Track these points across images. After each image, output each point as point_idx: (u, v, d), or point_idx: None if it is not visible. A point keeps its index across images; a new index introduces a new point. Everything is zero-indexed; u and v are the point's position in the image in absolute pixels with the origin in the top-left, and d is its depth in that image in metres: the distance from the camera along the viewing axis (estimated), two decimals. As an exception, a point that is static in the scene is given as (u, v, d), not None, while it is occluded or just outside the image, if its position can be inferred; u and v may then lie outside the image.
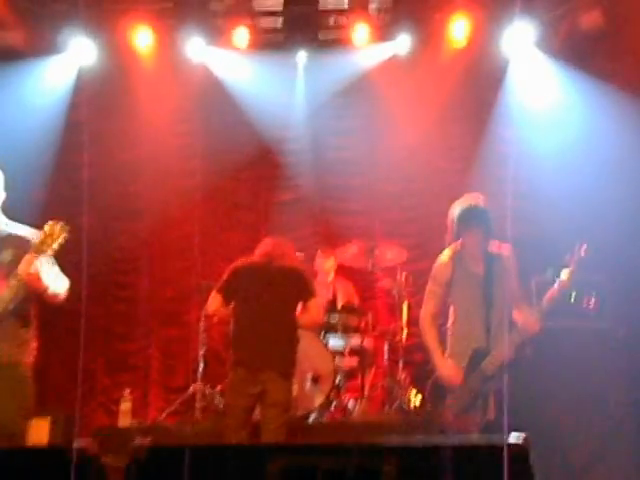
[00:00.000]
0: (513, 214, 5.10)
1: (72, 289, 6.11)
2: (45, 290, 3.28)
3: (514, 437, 2.22)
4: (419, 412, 4.98)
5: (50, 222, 3.24)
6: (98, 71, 6.05)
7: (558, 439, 4.54)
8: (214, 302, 4.17)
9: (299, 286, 4.15)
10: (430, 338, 3.72)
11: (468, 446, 2.39)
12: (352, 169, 6.30)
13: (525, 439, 2.22)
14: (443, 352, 3.71)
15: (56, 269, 3.40)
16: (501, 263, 3.74)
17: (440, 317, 3.85)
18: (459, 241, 3.80)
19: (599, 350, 4.81)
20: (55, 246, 3.21)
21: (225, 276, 4.17)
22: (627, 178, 5.42)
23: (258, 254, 4.23)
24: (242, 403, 3.99)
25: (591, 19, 5.74)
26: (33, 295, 3.29)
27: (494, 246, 3.80)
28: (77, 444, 2.34)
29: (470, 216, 3.75)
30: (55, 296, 3.39)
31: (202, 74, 6.17)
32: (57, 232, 3.23)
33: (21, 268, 3.12)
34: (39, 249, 3.17)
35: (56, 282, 3.37)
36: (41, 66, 6.02)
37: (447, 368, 3.63)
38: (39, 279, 3.20)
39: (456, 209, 3.80)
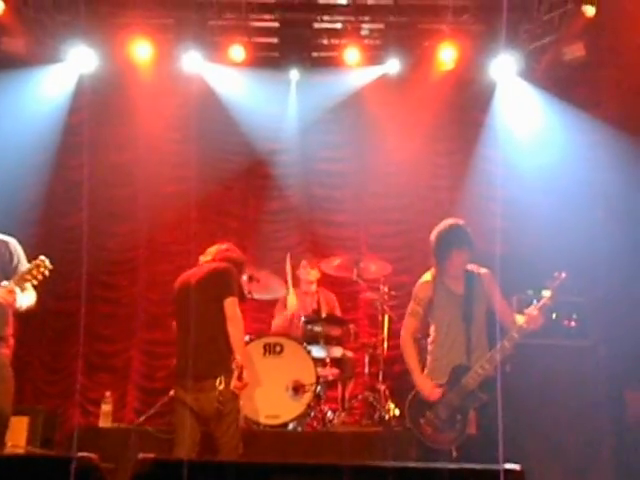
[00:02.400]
0: (496, 234, 4.99)
1: (57, 288, 5.92)
2: (17, 309, 3.38)
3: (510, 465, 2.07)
4: (398, 424, 4.77)
5: (41, 257, 3.31)
6: (97, 79, 5.93)
7: (539, 455, 4.35)
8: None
9: (218, 285, 3.70)
10: (410, 356, 3.65)
11: (465, 470, 2.21)
12: (340, 182, 6.16)
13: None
14: (422, 370, 3.64)
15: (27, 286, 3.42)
16: (480, 282, 3.64)
17: (420, 334, 3.77)
18: (444, 260, 3.64)
19: (580, 368, 4.62)
20: (35, 282, 3.32)
21: None
22: (604, 202, 5.36)
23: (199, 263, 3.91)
24: (185, 421, 3.58)
25: (574, 50, 5.67)
26: None
27: (472, 266, 3.70)
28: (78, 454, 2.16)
29: (457, 235, 3.64)
30: (22, 310, 3.46)
31: (198, 85, 5.99)
32: (42, 268, 3.30)
33: (0, 294, 3.23)
34: (21, 281, 3.27)
35: (27, 299, 3.44)
36: (42, 73, 5.87)
37: (426, 387, 3.55)
38: (14, 303, 3.30)
39: (441, 230, 3.67)
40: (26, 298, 3.38)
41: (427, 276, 3.72)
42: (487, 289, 3.63)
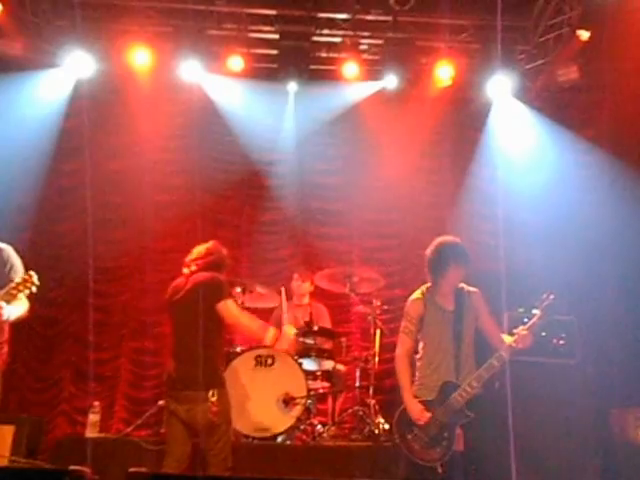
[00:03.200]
0: (488, 251, 5.05)
1: (46, 295, 5.86)
2: (4, 322, 3.40)
3: None
4: (388, 439, 4.78)
5: (30, 272, 3.35)
6: (94, 85, 5.93)
7: (524, 473, 4.36)
8: None
9: (206, 296, 3.62)
10: (403, 375, 3.64)
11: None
12: (335, 195, 6.17)
13: None
14: (413, 392, 3.62)
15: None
16: (470, 300, 3.68)
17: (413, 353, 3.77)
18: (440, 276, 3.66)
19: (567, 386, 4.65)
20: (22, 295, 3.34)
21: None
22: (595, 222, 5.44)
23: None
24: (176, 432, 3.56)
25: (568, 73, 5.78)
26: None
27: (462, 284, 3.74)
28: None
29: (456, 251, 3.66)
30: (11, 320, 3.47)
31: (196, 95, 6.00)
32: (29, 283, 3.32)
33: None
34: (8, 295, 3.29)
35: (16, 310, 3.45)
36: (38, 77, 5.85)
37: (415, 409, 3.55)
38: (1, 317, 3.32)
39: (440, 245, 3.69)
40: (15, 309, 3.37)
41: (417, 294, 3.73)
42: (476, 307, 3.67)
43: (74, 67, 5.87)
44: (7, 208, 5.67)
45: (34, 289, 3.31)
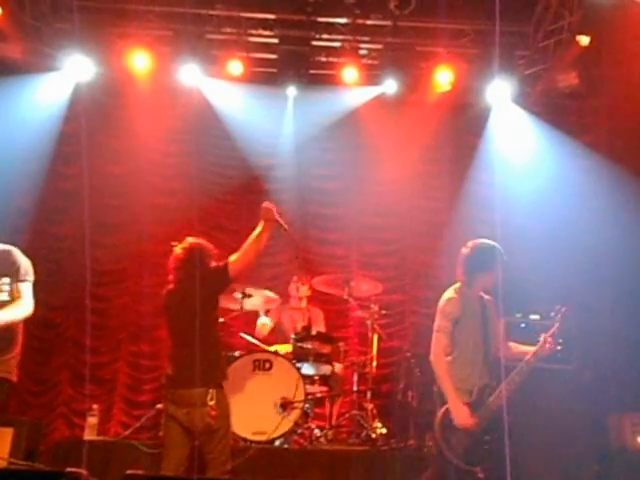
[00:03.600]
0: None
1: (44, 298, 5.87)
2: None
3: None
4: (385, 443, 4.80)
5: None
6: (94, 88, 5.95)
7: (524, 476, 4.39)
8: None
9: (202, 290, 3.45)
10: (444, 375, 3.47)
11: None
12: (334, 200, 6.17)
13: None
14: (459, 395, 3.46)
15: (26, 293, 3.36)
16: (488, 306, 3.67)
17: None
18: (475, 278, 3.62)
19: (564, 392, 4.68)
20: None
21: None
22: (594, 227, 5.46)
23: None
24: (174, 435, 3.46)
25: (567, 79, 5.80)
26: None
27: None
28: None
29: (496, 257, 3.62)
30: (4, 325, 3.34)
31: (195, 99, 6.03)
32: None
33: None
34: None
35: (6, 315, 3.31)
36: (38, 81, 5.88)
37: (462, 414, 3.39)
38: None
39: (481, 247, 3.64)
40: (3, 314, 3.26)
41: (452, 293, 3.63)
42: (492, 315, 3.66)
43: (74, 70, 5.89)
44: (6, 210, 5.70)
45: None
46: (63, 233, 5.88)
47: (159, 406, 5.02)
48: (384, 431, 4.92)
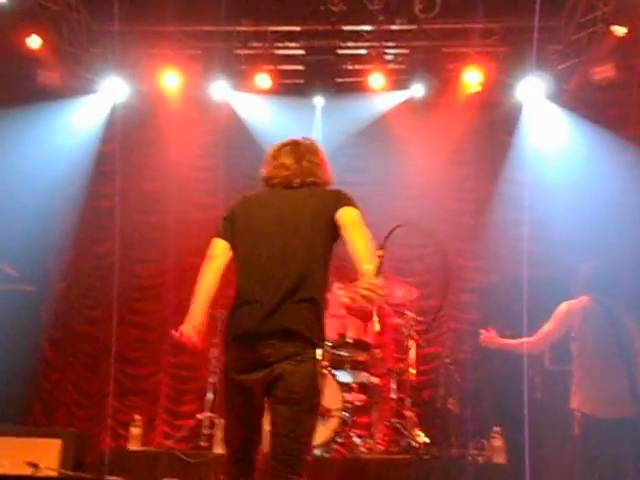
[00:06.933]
0: (522, 257, 5.02)
1: (88, 313, 6.17)
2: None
3: None
4: (426, 452, 4.80)
5: None
6: (129, 109, 6.21)
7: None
8: (214, 247, 2.71)
9: (326, 198, 2.71)
10: None
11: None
12: (365, 206, 6.14)
13: None
14: None
15: None
16: None
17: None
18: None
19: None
20: None
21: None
22: (633, 224, 5.34)
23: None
24: (238, 405, 2.49)
25: (603, 71, 5.70)
26: None
27: None
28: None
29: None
30: None
31: (225, 113, 6.20)
32: None
33: None
34: None
35: None
36: (75, 104, 6.20)
37: None
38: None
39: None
40: None
41: None
42: None
43: (110, 92, 6.19)
44: (51, 231, 6.04)
45: None
46: (104, 251, 6.15)
47: (199, 416, 5.21)
48: (425, 439, 4.89)
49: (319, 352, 2.49)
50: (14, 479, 4.12)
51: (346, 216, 2.72)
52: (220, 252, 2.72)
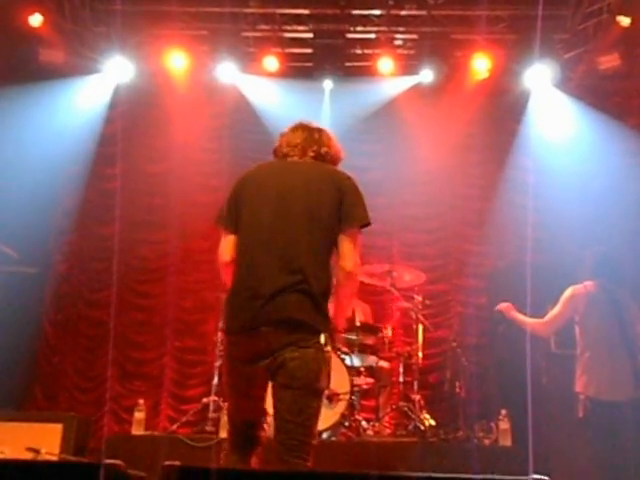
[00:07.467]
0: (531, 243, 5.07)
1: (91, 296, 6.09)
2: None
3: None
4: (433, 435, 4.83)
5: None
6: (133, 89, 6.13)
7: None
8: (224, 245, 2.64)
9: (334, 182, 2.60)
10: None
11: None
12: (374, 190, 6.13)
13: None
14: None
15: None
16: None
17: None
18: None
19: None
20: None
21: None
22: (637, 211, 5.41)
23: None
24: (241, 386, 2.50)
25: (609, 60, 5.78)
26: None
27: None
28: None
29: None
30: None
31: (232, 96, 6.15)
32: None
33: None
34: None
35: None
36: (79, 84, 6.10)
37: None
38: None
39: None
40: None
41: None
42: None
43: (114, 72, 6.09)
44: (53, 212, 5.95)
45: None
46: (108, 232, 6.07)
47: (205, 400, 5.18)
48: (432, 422, 4.91)
49: (322, 337, 2.48)
50: (14, 465, 4.06)
51: (343, 248, 2.61)
52: (233, 254, 2.65)
